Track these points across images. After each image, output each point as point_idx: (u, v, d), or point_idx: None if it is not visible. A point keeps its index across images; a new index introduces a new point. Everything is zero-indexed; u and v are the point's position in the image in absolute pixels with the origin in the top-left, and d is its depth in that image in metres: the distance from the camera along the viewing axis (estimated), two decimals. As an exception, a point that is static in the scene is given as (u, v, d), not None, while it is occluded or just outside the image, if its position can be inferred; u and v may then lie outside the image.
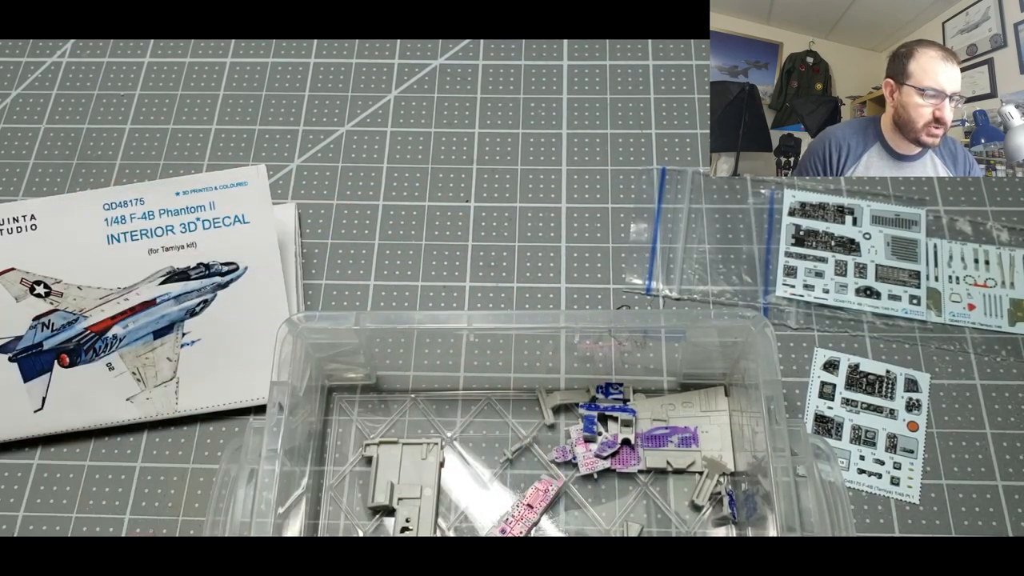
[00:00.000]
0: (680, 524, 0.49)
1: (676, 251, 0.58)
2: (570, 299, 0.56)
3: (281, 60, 0.66)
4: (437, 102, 0.64)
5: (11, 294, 0.53)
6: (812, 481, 0.42)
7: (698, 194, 0.60)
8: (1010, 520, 0.49)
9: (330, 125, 0.64)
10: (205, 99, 0.65)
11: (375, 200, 0.60)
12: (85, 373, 0.53)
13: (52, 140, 0.64)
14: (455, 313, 0.55)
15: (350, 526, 0.50)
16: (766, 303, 0.56)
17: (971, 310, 0.55)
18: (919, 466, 0.50)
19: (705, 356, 0.50)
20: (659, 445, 0.51)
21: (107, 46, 0.68)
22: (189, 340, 0.53)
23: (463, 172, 0.61)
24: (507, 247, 0.58)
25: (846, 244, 0.57)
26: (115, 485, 0.51)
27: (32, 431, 0.52)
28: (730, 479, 0.49)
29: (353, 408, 0.53)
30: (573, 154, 0.62)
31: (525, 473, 0.51)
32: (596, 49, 0.66)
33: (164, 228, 0.54)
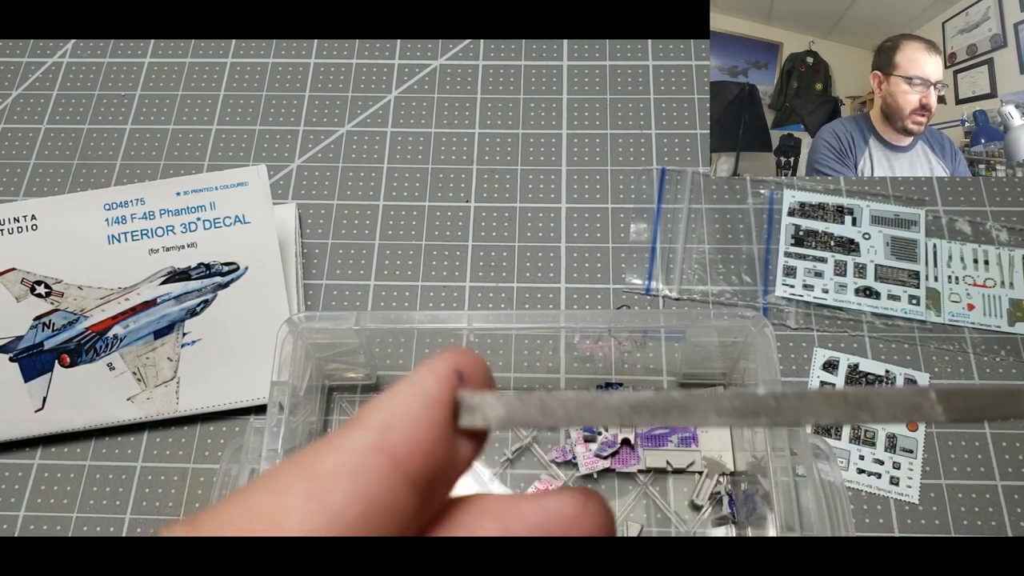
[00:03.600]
0: (680, 524, 0.49)
1: (676, 251, 0.58)
2: (570, 299, 0.57)
3: (281, 60, 0.66)
4: (437, 102, 0.64)
5: (12, 294, 0.53)
6: (812, 481, 0.42)
7: (698, 194, 0.60)
8: (1010, 520, 0.49)
9: (330, 125, 0.64)
10: (205, 99, 0.65)
11: (375, 200, 0.60)
12: (86, 373, 0.53)
13: (53, 140, 0.64)
14: (455, 313, 0.55)
15: (350, 526, 0.50)
16: (766, 303, 0.56)
17: (970, 310, 0.55)
18: (919, 466, 0.50)
19: (705, 356, 0.50)
20: (659, 445, 0.51)
21: (107, 46, 0.68)
22: (190, 340, 0.54)
23: (463, 172, 0.61)
24: (507, 247, 0.58)
25: (845, 244, 0.57)
26: (116, 485, 0.52)
27: (33, 431, 0.52)
28: (730, 479, 0.50)
29: (353, 408, 0.53)
30: (573, 154, 0.62)
31: (525, 473, 0.51)
32: (596, 49, 0.66)
33: (165, 228, 0.54)
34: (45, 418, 0.52)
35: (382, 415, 0.19)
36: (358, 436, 0.19)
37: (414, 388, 0.20)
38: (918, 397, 0.20)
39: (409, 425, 0.19)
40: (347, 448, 0.19)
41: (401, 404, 0.20)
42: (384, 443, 0.19)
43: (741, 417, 0.20)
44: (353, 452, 0.19)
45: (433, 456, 0.20)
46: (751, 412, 0.20)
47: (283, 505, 0.18)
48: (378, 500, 0.18)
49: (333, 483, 0.18)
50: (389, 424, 0.19)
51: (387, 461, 0.19)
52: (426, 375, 0.20)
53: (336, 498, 0.18)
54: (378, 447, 0.19)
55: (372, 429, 0.19)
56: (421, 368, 0.21)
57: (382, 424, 0.19)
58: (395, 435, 0.19)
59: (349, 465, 0.18)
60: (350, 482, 0.18)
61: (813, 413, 0.20)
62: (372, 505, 0.18)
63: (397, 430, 0.19)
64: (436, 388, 0.20)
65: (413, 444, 0.19)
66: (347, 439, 0.19)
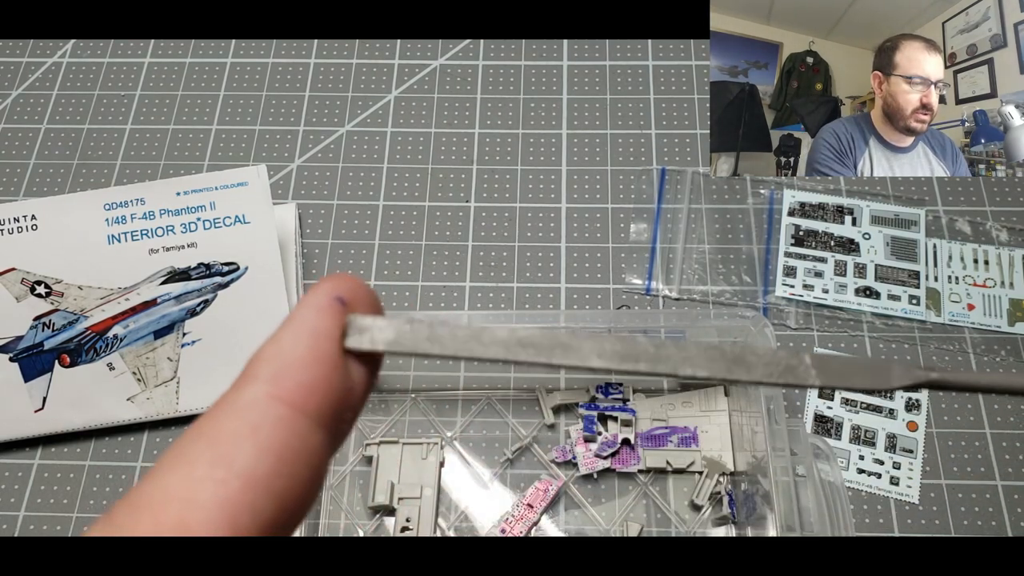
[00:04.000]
0: (680, 524, 0.49)
1: (676, 251, 0.58)
2: (570, 299, 0.57)
3: (281, 60, 0.66)
4: (437, 102, 0.64)
5: (12, 294, 0.53)
6: (812, 481, 0.42)
7: (698, 194, 0.60)
8: (1010, 520, 0.49)
9: (330, 125, 0.64)
10: (205, 99, 0.65)
11: (375, 200, 0.60)
12: (86, 373, 0.53)
13: (53, 140, 0.64)
14: (455, 313, 0.55)
15: (350, 526, 0.50)
16: (766, 303, 0.56)
17: (970, 310, 0.55)
18: (918, 466, 0.50)
19: (705, 356, 0.50)
20: (659, 445, 0.51)
21: (107, 46, 0.68)
22: (190, 340, 0.54)
23: (463, 172, 0.61)
24: (507, 247, 0.58)
25: (845, 244, 0.57)
26: (116, 485, 0.52)
27: (33, 431, 0.52)
28: (730, 479, 0.50)
29: (353, 408, 0.53)
30: (573, 154, 0.62)
31: (525, 473, 0.51)
32: (596, 49, 0.66)
33: (165, 228, 0.54)
34: (45, 418, 0.52)
35: (271, 364, 0.19)
36: (251, 391, 0.19)
37: (297, 327, 0.20)
38: (794, 360, 0.21)
39: (300, 367, 0.19)
40: (243, 405, 0.18)
41: (288, 346, 0.19)
42: (278, 391, 0.19)
43: (622, 360, 0.20)
44: (250, 408, 0.18)
45: (330, 390, 0.19)
46: (631, 357, 0.20)
47: (193, 478, 0.17)
48: (286, 449, 0.18)
49: (236, 445, 0.18)
50: (279, 370, 0.19)
51: (286, 408, 0.18)
52: (307, 310, 0.20)
53: (243, 459, 0.18)
54: (273, 396, 0.18)
55: (263, 380, 0.19)
56: (301, 304, 0.20)
57: (273, 372, 0.19)
58: (288, 380, 0.19)
59: (249, 422, 0.18)
60: (253, 440, 0.18)
61: (691, 364, 0.20)
62: (282, 455, 0.18)
63: (289, 374, 0.19)
64: (319, 321, 0.20)
65: (309, 384, 0.19)
66: (241, 395, 0.19)
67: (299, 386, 0.19)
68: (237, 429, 0.18)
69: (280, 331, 0.20)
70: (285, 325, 0.20)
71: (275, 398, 0.19)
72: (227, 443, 0.18)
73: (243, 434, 0.18)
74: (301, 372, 0.19)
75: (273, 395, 0.19)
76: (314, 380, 0.19)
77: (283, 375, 0.19)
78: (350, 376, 0.20)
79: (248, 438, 0.18)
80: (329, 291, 0.21)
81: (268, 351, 0.19)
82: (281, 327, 0.20)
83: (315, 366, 0.19)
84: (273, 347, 0.20)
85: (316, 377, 0.19)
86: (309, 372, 0.19)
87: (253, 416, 0.18)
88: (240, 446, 0.18)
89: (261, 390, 0.19)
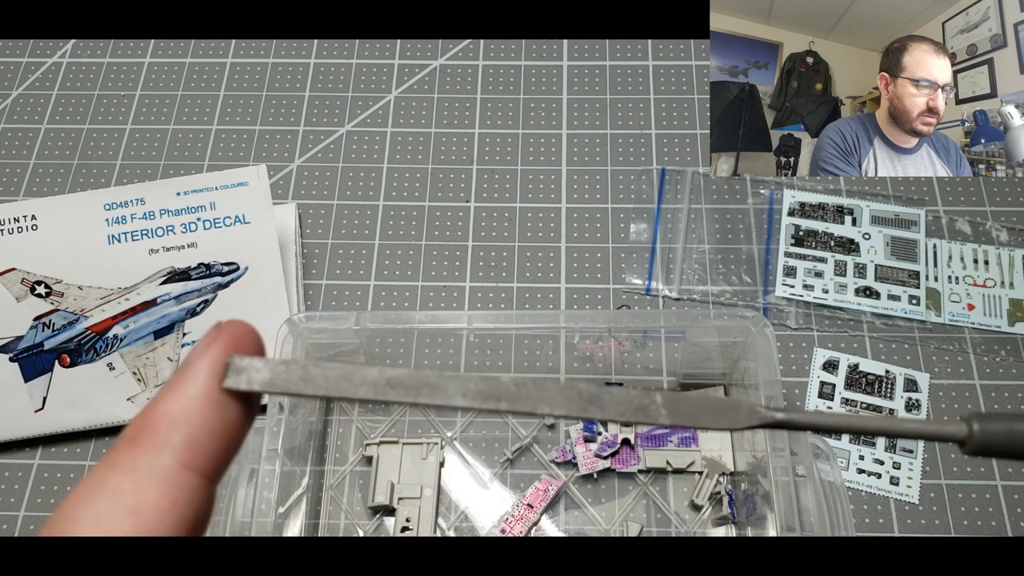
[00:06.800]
0: (680, 524, 0.49)
1: (676, 251, 0.58)
2: (570, 299, 0.57)
3: (281, 60, 0.66)
4: (437, 102, 0.64)
5: (12, 294, 0.53)
6: (811, 481, 0.42)
7: (698, 194, 0.60)
8: (1010, 520, 0.49)
9: (330, 125, 0.64)
10: (205, 99, 0.65)
11: (375, 200, 0.60)
12: (86, 373, 0.53)
13: (53, 140, 0.64)
14: (455, 313, 0.55)
15: (350, 526, 0.50)
16: (766, 303, 0.56)
17: (970, 310, 0.55)
18: (918, 466, 0.50)
19: (705, 356, 0.50)
20: (659, 445, 0.51)
21: (107, 46, 0.68)
22: (190, 340, 0.54)
23: (463, 172, 0.61)
24: (507, 247, 0.58)
25: (845, 244, 0.57)
26: (116, 485, 0.52)
27: (33, 431, 0.52)
28: (730, 479, 0.50)
29: (353, 408, 0.53)
30: (573, 154, 0.62)
31: (525, 473, 0.51)
32: (596, 49, 0.66)
33: (165, 228, 0.54)
34: (45, 418, 0.52)
35: (180, 432, 0.20)
36: (165, 458, 0.19)
37: (201, 393, 0.21)
38: (645, 399, 0.22)
39: (209, 436, 0.20)
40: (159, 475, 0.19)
41: (196, 416, 0.20)
42: (191, 460, 0.20)
43: (484, 400, 0.21)
44: (168, 480, 0.19)
45: (225, 447, 0.21)
46: (493, 396, 0.21)
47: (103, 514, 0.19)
48: (189, 511, 0.19)
49: (157, 517, 0.19)
50: (194, 441, 0.20)
51: (195, 476, 0.20)
52: (204, 372, 0.21)
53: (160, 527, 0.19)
54: (184, 464, 0.20)
55: (177, 449, 0.20)
56: (197, 364, 0.21)
57: (185, 443, 0.20)
58: (201, 450, 0.20)
59: (169, 497, 0.19)
60: (172, 513, 0.19)
61: (549, 403, 0.21)
62: (186, 519, 0.19)
63: (202, 444, 0.20)
64: (215, 386, 0.21)
65: (216, 452, 0.20)
66: (156, 462, 0.19)
67: (209, 456, 0.20)
68: (158, 503, 0.19)
69: (181, 390, 0.21)
70: (185, 384, 0.21)
71: (186, 467, 0.20)
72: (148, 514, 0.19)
73: (163, 508, 0.19)
74: (213, 441, 0.20)
75: (184, 463, 0.20)
76: (220, 446, 0.20)
77: (198, 445, 0.20)
78: (231, 420, 0.21)
79: (167, 512, 0.19)
80: (223, 352, 0.21)
81: (177, 417, 0.20)
82: (178, 383, 0.21)
83: (220, 433, 0.20)
84: (183, 415, 0.20)
85: (220, 444, 0.20)
86: (219, 442, 0.20)
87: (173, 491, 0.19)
88: (159, 519, 0.19)
89: (176, 458, 0.20)
